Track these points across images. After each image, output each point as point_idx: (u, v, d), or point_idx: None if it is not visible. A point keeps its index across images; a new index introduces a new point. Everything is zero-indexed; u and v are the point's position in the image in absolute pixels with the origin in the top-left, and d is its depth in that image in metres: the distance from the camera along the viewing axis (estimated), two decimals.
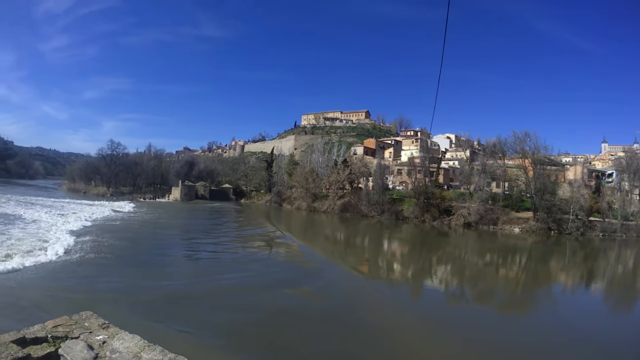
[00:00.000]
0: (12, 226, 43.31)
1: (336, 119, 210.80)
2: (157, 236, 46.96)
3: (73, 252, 31.89)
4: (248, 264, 32.95)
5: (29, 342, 4.86)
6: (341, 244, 54.60)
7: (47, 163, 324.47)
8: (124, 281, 24.75)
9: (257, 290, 24.59)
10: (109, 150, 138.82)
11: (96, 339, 4.99)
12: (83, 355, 4.61)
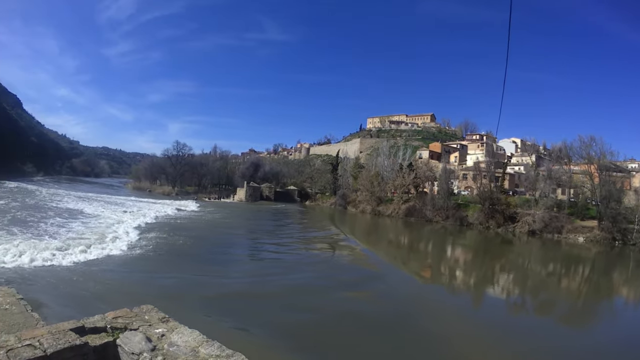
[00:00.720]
0: (78, 221, 48.22)
1: (401, 122, 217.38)
2: (221, 235, 50.39)
3: (136, 247, 35.00)
4: (310, 265, 34.95)
5: (88, 331, 5.59)
6: (404, 248, 56.87)
7: (113, 162, 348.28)
8: (186, 277, 26.92)
9: (318, 292, 26.32)
10: (174, 150, 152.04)
11: (155, 332, 5.65)
12: (141, 346, 5.23)
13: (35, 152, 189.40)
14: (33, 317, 7.66)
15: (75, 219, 50.00)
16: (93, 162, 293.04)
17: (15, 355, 4.88)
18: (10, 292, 8.97)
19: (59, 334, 5.43)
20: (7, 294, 8.77)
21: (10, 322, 7.32)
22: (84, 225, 45.06)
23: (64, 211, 58.39)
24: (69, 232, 39.89)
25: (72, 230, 40.84)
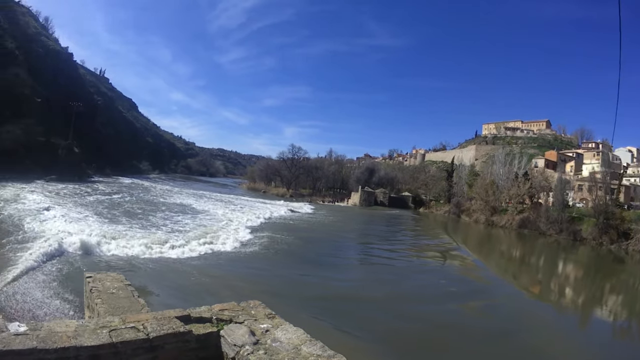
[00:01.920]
0: (189, 217, 49.72)
1: (517, 129, 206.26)
2: (332, 238, 49.81)
3: (247, 245, 35.61)
4: (420, 273, 34.27)
5: (193, 321, 5.74)
6: (515, 261, 54.28)
7: (228, 163, 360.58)
8: (294, 277, 27.12)
9: (424, 300, 25.63)
10: (290, 154, 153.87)
11: (260, 327, 5.67)
12: (244, 339, 5.29)
13: (151, 152, 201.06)
14: (139, 303, 8.11)
15: (187, 215, 52.00)
16: (208, 162, 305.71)
17: (118, 335, 5.10)
18: (119, 277, 9.53)
19: (163, 320, 5.67)
20: (116, 280, 9.33)
21: (116, 305, 7.71)
22: (196, 221, 46.66)
23: (177, 207, 60.98)
24: (180, 226, 41.62)
25: (183, 225, 42.50)
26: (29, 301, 17.23)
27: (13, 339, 4.70)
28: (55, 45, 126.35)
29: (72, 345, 4.77)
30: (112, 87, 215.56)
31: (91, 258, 25.34)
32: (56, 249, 24.93)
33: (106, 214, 44.02)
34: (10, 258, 22.72)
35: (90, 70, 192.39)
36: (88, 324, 5.43)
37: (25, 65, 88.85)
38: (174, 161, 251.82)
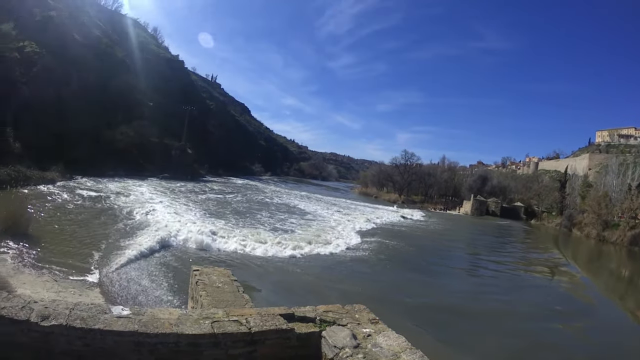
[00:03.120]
0: (302, 219, 49.77)
1: (630, 137, 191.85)
2: (441, 246, 49.03)
3: (355, 249, 35.34)
4: (526, 288, 32.98)
5: (296, 319, 5.82)
6: (623, 281, 50.10)
7: (341, 167, 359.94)
8: (399, 283, 26.66)
9: (528, 317, 24.53)
10: (402, 159, 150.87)
11: (362, 331, 5.63)
12: (345, 342, 5.25)
13: (263, 154, 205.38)
14: (243, 298, 8.27)
15: (297, 216, 52.50)
16: (321, 165, 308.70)
17: (220, 327, 5.27)
18: (226, 273, 9.80)
19: (267, 316, 5.78)
20: (223, 274, 9.58)
21: (220, 299, 7.91)
22: (305, 223, 47.01)
23: (287, 208, 61.71)
24: (289, 227, 42.08)
25: (292, 226, 42.97)
26: (133, 288, 18.05)
27: (115, 321, 4.99)
28: (165, 53, 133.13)
29: (173, 332, 4.99)
30: (224, 92, 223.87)
31: (198, 252, 26.24)
32: (165, 241, 26.11)
33: (216, 211, 45.40)
34: (120, 246, 23.99)
35: (202, 77, 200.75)
36: (191, 314, 5.65)
37: (137, 72, 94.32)
38: (287, 164, 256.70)
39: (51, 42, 67.05)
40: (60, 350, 4.92)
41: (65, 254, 21.44)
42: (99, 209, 36.67)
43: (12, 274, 17.04)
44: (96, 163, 59.78)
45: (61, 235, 25.39)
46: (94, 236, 26.25)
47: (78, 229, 27.68)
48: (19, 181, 37.96)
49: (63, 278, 17.95)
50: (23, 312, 5.01)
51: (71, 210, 33.92)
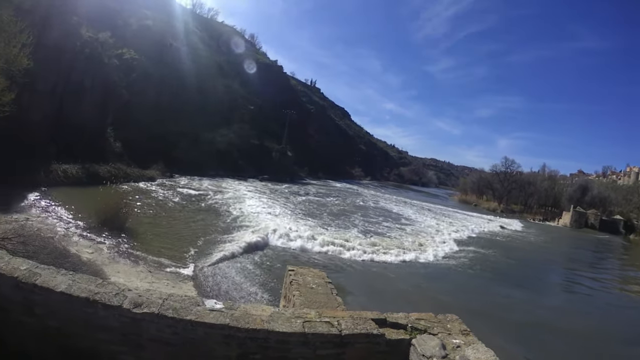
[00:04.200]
0: (400, 224, 49.59)
1: None
2: (537, 259, 47.58)
3: (451, 257, 34.91)
4: (622, 309, 31.40)
5: (388, 325, 5.80)
6: None
7: (441, 173, 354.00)
8: (493, 295, 26.18)
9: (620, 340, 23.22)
10: (502, 167, 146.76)
11: (452, 342, 5.58)
12: (434, 351, 5.24)
13: (363, 158, 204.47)
14: (336, 300, 8.31)
15: (394, 221, 52.25)
16: (421, 171, 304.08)
17: (311, 327, 5.33)
18: (321, 274, 9.90)
19: (359, 320, 5.76)
20: (318, 276, 9.67)
21: (312, 300, 8.00)
22: (402, 228, 46.72)
23: (384, 212, 61.37)
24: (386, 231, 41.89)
25: (389, 231, 42.79)
26: (226, 283, 18.61)
27: (207, 314, 5.17)
28: (264, 58, 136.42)
29: (264, 329, 5.11)
30: (324, 97, 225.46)
31: (294, 252, 26.73)
32: (261, 240, 26.71)
33: (313, 212, 46.08)
34: (216, 243, 24.89)
35: (301, 81, 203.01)
36: (284, 312, 5.74)
37: (236, 77, 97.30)
38: (387, 169, 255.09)
39: (148, 49, 71.14)
40: (149, 337, 5.21)
41: (161, 247, 22.39)
42: (198, 206, 38.12)
43: (107, 262, 18.01)
44: (196, 163, 62.21)
45: (158, 229, 26.58)
46: (191, 232, 27.29)
47: (176, 225, 28.91)
48: (118, 178, 40.45)
49: (157, 270, 18.74)
50: (116, 298, 5.31)
51: (170, 207, 35.50)
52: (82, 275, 5.99)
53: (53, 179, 33.81)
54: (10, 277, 5.65)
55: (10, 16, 19.33)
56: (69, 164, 36.48)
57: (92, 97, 44.41)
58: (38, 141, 34.47)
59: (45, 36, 32.81)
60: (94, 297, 5.26)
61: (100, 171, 39.94)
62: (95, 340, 5.36)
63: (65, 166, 36.00)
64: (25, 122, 30.82)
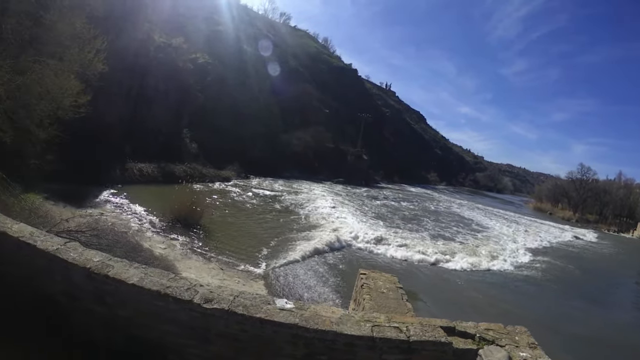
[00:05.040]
0: (472, 231, 48.89)
1: None
2: (611, 272, 46.23)
3: (524, 267, 34.18)
4: None
5: (456, 334, 5.77)
6: None
7: (516, 180, 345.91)
8: (564, 309, 25.61)
9: None
10: (578, 174, 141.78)
11: (519, 355, 5.53)
12: None
13: (439, 163, 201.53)
14: (405, 306, 8.26)
15: (468, 228, 51.65)
16: (496, 177, 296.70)
17: (379, 331, 5.30)
18: (393, 279, 9.88)
19: (428, 327, 5.71)
20: (389, 281, 9.67)
21: (382, 304, 8.01)
22: (475, 235, 46.12)
23: (458, 218, 60.75)
24: (459, 238, 41.53)
25: (462, 237, 42.33)
26: (297, 284, 18.77)
27: (277, 312, 5.26)
28: (338, 62, 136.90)
29: (332, 330, 5.14)
30: (399, 100, 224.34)
31: (367, 255, 26.73)
32: (334, 243, 26.88)
33: (387, 217, 45.74)
34: (289, 243, 25.20)
35: (376, 84, 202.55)
36: (353, 315, 5.75)
37: (311, 80, 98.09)
38: (462, 174, 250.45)
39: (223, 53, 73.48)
40: (216, 332, 5.35)
41: (234, 246, 22.89)
42: (272, 207, 38.73)
43: (179, 258, 18.61)
44: (272, 164, 63.41)
45: (232, 228, 27.20)
46: (264, 232, 27.82)
47: (249, 224, 29.54)
48: (194, 177, 41.51)
49: (229, 267, 19.17)
50: (187, 293, 5.46)
51: (244, 207, 36.25)
52: (155, 269, 6.17)
53: (128, 176, 35.40)
54: (83, 268, 5.90)
55: (83, 23, 20.28)
56: (144, 163, 37.96)
57: (167, 100, 46.02)
58: (113, 141, 36.05)
59: (120, 42, 34.24)
60: (166, 290, 5.43)
61: (175, 170, 41.38)
62: (163, 332, 5.56)
63: (141, 165, 37.46)
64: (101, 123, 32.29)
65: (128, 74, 39.15)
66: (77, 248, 6.49)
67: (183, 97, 50.39)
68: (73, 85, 18.84)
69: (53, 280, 6.28)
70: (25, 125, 16.56)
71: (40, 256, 6.34)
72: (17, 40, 16.74)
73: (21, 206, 15.37)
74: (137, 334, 5.69)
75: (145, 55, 43.54)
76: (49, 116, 17.73)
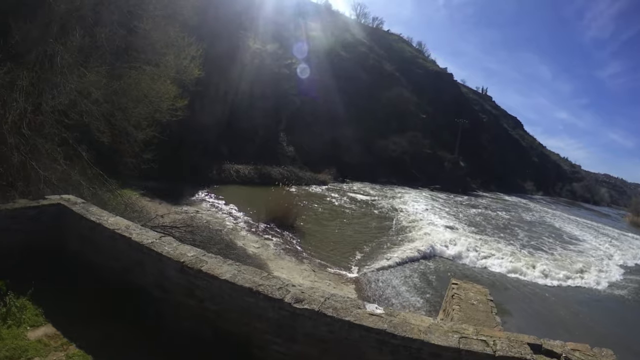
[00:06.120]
0: (565, 245, 46.70)
1: None
2: None
3: (617, 286, 32.50)
4: None
5: (543, 352, 5.72)
6: None
7: (613, 191, 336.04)
8: None
9: None
10: None
11: None
12: None
13: (535, 172, 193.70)
14: (494, 320, 8.12)
15: (561, 241, 49.46)
16: (593, 188, 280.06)
17: (466, 344, 5.26)
18: (484, 291, 9.76)
19: (515, 343, 5.64)
20: (480, 292, 9.56)
21: (471, 316, 7.92)
22: (568, 249, 44.13)
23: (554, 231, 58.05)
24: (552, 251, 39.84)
25: (554, 251, 40.61)
26: (388, 290, 18.62)
27: (366, 317, 5.28)
28: (433, 66, 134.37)
29: (420, 339, 5.11)
30: (496, 105, 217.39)
31: (459, 265, 26.40)
32: (428, 251, 26.61)
33: (482, 227, 44.96)
34: (382, 249, 25.18)
35: (472, 89, 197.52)
36: (442, 325, 5.71)
37: (407, 85, 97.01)
38: (559, 184, 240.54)
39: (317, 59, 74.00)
40: (304, 331, 5.47)
41: (327, 249, 23.15)
42: (368, 212, 38.67)
43: (271, 258, 19.07)
44: (368, 169, 63.30)
45: (326, 231, 27.50)
46: (358, 237, 27.90)
47: (344, 228, 29.69)
48: (290, 180, 41.76)
49: (321, 270, 19.41)
50: (279, 292, 5.63)
51: (339, 211, 36.48)
52: (248, 267, 6.39)
53: (225, 177, 36.62)
54: (177, 262, 6.26)
55: (177, 31, 21.29)
56: (241, 165, 39.12)
57: (263, 104, 47.34)
58: (211, 142, 37.52)
59: (215, 49, 35.50)
60: (257, 288, 5.61)
61: (272, 173, 42.06)
62: (250, 328, 5.75)
63: (238, 166, 38.66)
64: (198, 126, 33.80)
65: (224, 79, 40.66)
66: (172, 242, 6.90)
67: (279, 101, 51.64)
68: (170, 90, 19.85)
69: (145, 272, 6.73)
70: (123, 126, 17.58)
71: (134, 248, 6.82)
72: (112, 48, 17.84)
73: (117, 201, 16.39)
74: (224, 327, 5.92)
75: (240, 60, 44.99)
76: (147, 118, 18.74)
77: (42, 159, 14.03)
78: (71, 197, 8.79)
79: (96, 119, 16.18)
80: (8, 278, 6.51)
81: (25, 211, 7.81)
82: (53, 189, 12.08)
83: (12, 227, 7.50)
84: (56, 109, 15.02)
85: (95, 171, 16.13)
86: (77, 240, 7.99)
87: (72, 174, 14.58)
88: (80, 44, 16.43)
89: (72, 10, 16.76)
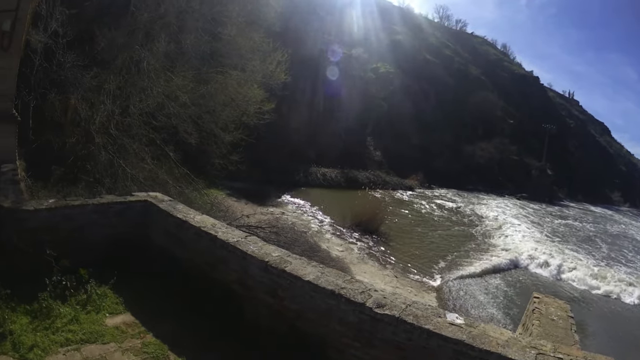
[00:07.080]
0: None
1: None
2: None
3: None
4: None
5: None
6: None
7: None
8: None
9: None
10: None
11: None
12: None
13: (623, 181, 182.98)
14: (573, 337, 7.87)
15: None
16: None
17: None
18: (565, 307, 9.27)
19: None
20: (561, 308, 9.13)
21: (549, 332, 7.77)
22: None
23: None
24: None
25: None
26: (468, 299, 18.44)
27: (446, 327, 5.20)
28: (519, 69, 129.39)
29: (497, 352, 4.99)
30: (583, 110, 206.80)
31: (543, 279, 25.53)
32: (512, 262, 26.12)
33: (568, 239, 43.01)
34: (467, 258, 24.97)
35: (559, 93, 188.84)
36: (520, 340, 5.58)
37: (493, 89, 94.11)
38: None
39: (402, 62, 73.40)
40: (382, 336, 5.42)
41: (411, 255, 23.10)
42: (454, 220, 38.28)
43: (355, 262, 19.32)
44: (455, 175, 62.34)
45: (411, 237, 27.43)
46: (443, 244, 27.67)
47: (428, 235, 29.49)
48: (377, 184, 41.53)
49: (403, 276, 19.42)
50: (361, 296, 5.65)
51: (425, 217, 36.24)
52: (331, 269, 6.50)
53: (312, 180, 37.21)
54: (261, 261, 6.44)
55: (261, 37, 21.83)
56: (328, 168, 39.53)
57: (350, 108, 47.52)
58: (297, 146, 38.15)
59: (300, 54, 36.09)
60: (340, 291, 5.68)
61: (359, 177, 42.39)
62: (329, 330, 5.81)
63: (325, 170, 39.11)
64: (285, 129, 34.46)
65: (311, 84, 41.24)
66: (257, 242, 7.09)
67: (366, 106, 51.69)
68: (256, 94, 20.42)
69: (229, 269, 6.95)
70: (210, 128, 18.26)
71: (219, 246, 7.06)
72: (198, 53, 18.58)
73: (203, 200, 17.09)
74: (302, 327, 6.04)
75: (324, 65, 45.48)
76: (234, 121, 19.36)
77: (130, 158, 14.86)
78: (158, 195, 9.21)
79: (183, 121, 16.91)
80: (92, 267, 6.90)
81: (112, 206, 8.25)
82: (140, 187, 12.82)
83: (99, 221, 7.93)
84: (144, 111, 15.83)
85: (182, 171, 16.90)
86: (162, 236, 8.36)
87: (159, 172, 15.36)
88: (166, 50, 17.24)
89: (156, 18, 17.61)
